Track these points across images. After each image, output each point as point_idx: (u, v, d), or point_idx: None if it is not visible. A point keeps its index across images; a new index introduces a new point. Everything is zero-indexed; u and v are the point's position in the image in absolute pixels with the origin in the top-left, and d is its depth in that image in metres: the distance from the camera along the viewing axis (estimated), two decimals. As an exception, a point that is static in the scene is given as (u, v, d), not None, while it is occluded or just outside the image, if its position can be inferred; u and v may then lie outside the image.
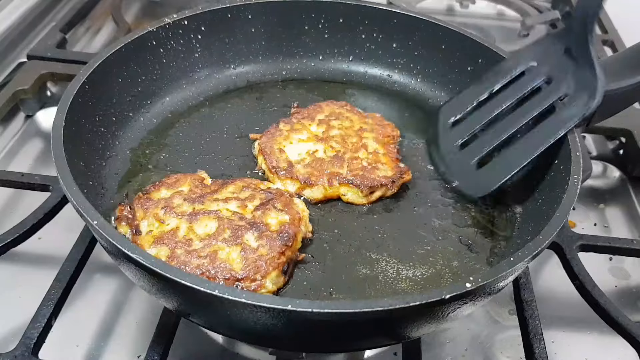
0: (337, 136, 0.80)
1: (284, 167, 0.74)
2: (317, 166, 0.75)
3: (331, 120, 0.82)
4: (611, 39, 1.23)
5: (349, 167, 0.75)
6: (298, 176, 0.73)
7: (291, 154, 0.77)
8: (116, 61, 0.78)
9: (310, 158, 0.76)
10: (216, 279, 0.59)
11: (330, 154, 0.77)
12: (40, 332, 0.62)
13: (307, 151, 0.77)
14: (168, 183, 0.69)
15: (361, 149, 0.78)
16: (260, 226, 0.64)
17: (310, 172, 0.74)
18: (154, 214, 0.64)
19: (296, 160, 0.76)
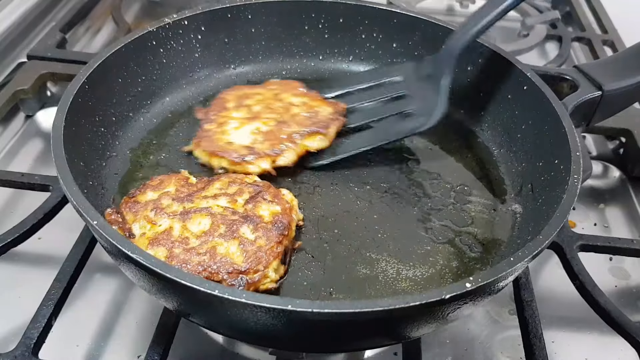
0: (262, 109, 0.82)
1: (246, 152, 0.75)
2: (271, 137, 0.77)
3: (243, 102, 0.84)
4: (611, 39, 1.23)
5: (296, 123, 0.79)
6: (265, 151, 0.75)
7: (241, 141, 0.77)
8: (116, 61, 0.78)
9: (259, 135, 0.77)
10: (219, 274, 0.59)
11: (271, 124, 0.79)
12: (40, 332, 0.62)
13: (251, 131, 0.78)
14: (152, 185, 0.69)
15: (291, 107, 0.82)
16: (254, 218, 0.64)
17: (271, 143, 0.76)
18: (145, 216, 0.64)
19: (251, 142, 0.77)
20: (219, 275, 0.59)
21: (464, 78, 0.88)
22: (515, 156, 0.80)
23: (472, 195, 0.77)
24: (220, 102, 0.84)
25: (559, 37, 1.24)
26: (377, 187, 0.77)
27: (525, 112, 0.79)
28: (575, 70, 0.78)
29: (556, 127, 0.71)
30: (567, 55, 1.17)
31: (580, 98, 0.74)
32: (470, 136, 0.86)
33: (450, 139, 0.85)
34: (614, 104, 0.77)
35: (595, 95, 0.75)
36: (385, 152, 0.82)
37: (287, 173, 0.78)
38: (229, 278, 0.59)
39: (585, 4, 1.39)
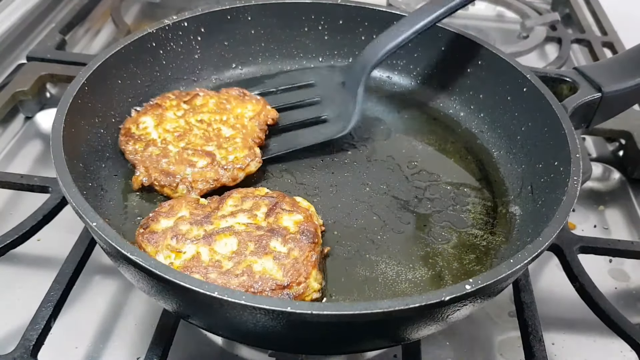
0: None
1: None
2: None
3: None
4: (611, 41, 1.23)
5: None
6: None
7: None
8: (116, 62, 0.78)
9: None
10: (264, 292, 0.58)
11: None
12: (39, 333, 0.61)
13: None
14: (164, 212, 0.66)
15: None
16: (280, 231, 0.63)
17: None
18: (167, 245, 0.62)
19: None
20: (262, 294, 0.57)
21: (464, 80, 0.88)
22: (515, 158, 0.80)
23: (472, 197, 0.77)
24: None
25: (558, 39, 1.24)
26: (377, 189, 0.77)
27: (525, 114, 0.79)
28: (575, 72, 0.78)
29: (556, 128, 0.71)
30: (566, 57, 1.17)
31: (580, 100, 0.74)
32: (470, 138, 0.86)
33: (450, 141, 0.85)
34: (614, 106, 0.77)
35: (595, 97, 0.75)
36: (385, 153, 0.82)
37: (287, 175, 0.78)
38: (273, 295, 0.58)
39: (585, 5, 1.39)
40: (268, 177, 0.78)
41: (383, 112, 0.91)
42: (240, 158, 0.74)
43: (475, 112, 0.88)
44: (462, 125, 0.88)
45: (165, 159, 0.73)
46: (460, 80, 0.89)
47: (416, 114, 0.91)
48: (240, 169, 0.73)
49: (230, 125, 0.79)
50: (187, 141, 0.76)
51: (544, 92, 0.75)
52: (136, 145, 0.75)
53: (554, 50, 1.24)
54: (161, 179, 0.71)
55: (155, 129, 0.77)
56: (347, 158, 0.81)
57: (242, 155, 0.74)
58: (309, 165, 0.80)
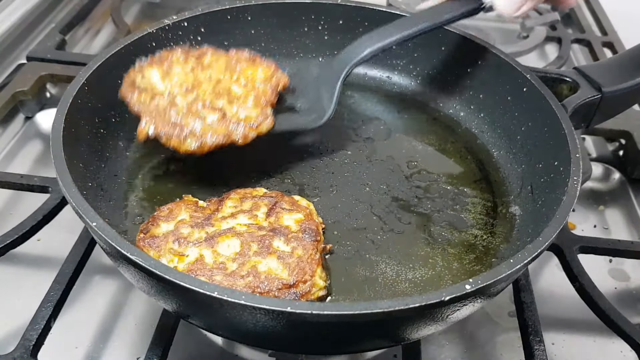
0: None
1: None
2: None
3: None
4: (611, 41, 1.23)
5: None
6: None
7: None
8: (116, 62, 0.77)
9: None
10: (270, 292, 0.58)
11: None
12: (39, 333, 0.61)
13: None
14: (163, 216, 0.66)
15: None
16: (282, 230, 0.64)
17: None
18: (169, 249, 0.62)
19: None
20: (269, 294, 0.58)
21: (464, 80, 0.88)
22: (515, 158, 0.80)
23: (472, 197, 0.77)
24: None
25: (558, 38, 1.24)
26: (377, 189, 0.77)
27: (525, 113, 0.79)
28: (575, 72, 0.78)
29: (556, 128, 0.71)
30: (566, 57, 1.17)
31: (580, 100, 0.74)
32: (470, 138, 0.86)
33: (450, 141, 0.85)
34: (614, 106, 0.77)
35: (595, 97, 0.75)
36: (385, 154, 0.82)
37: (287, 175, 0.78)
38: (279, 295, 0.58)
39: (585, 5, 1.39)
40: (268, 177, 0.77)
41: (383, 112, 0.91)
42: (252, 117, 0.71)
43: (475, 112, 0.87)
44: (462, 125, 0.88)
45: (173, 110, 0.70)
46: (460, 80, 0.89)
47: (416, 114, 0.91)
48: (252, 128, 0.70)
49: (241, 85, 0.76)
50: (196, 95, 0.73)
51: (544, 92, 0.75)
52: (141, 97, 0.72)
53: (554, 50, 1.24)
54: (169, 130, 0.68)
55: (162, 81, 0.74)
56: (347, 158, 0.81)
57: (254, 114, 0.72)
58: (309, 165, 0.80)
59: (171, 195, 0.73)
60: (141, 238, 0.64)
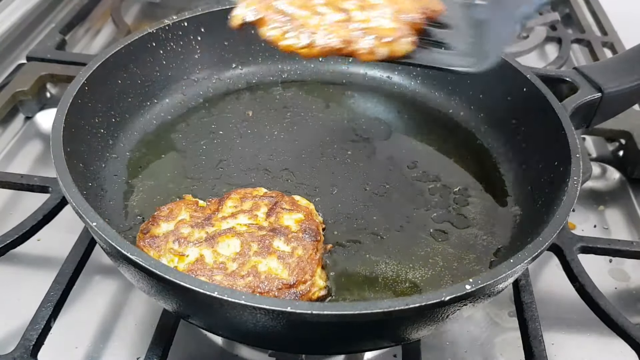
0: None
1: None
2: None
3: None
4: (611, 41, 1.23)
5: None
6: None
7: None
8: (116, 62, 0.78)
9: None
10: (270, 292, 0.58)
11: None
12: (39, 333, 0.61)
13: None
14: (163, 216, 0.66)
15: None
16: (282, 230, 0.64)
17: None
18: (169, 249, 0.62)
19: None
20: (269, 294, 0.58)
21: (464, 80, 0.88)
22: (515, 158, 0.80)
23: (472, 197, 0.76)
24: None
25: (558, 38, 1.23)
26: (377, 189, 0.77)
27: (525, 114, 0.79)
28: (575, 72, 0.78)
29: (556, 129, 0.71)
30: (566, 57, 1.17)
31: (580, 100, 0.74)
32: (470, 138, 0.86)
33: (450, 141, 0.85)
34: (614, 106, 0.77)
35: (595, 97, 0.75)
36: (385, 153, 0.82)
37: (287, 174, 0.78)
38: (280, 295, 0.58)
39: (585, 5, 1.39)
40: (268, 177, 0.77)
41: (383, 112, 0.90)
42: (386, 29, 0.57)
43: (475, 112, 0.87)
44: (462, 125, 0.88)
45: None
46: (460, 80, 0.89)
47: (416, 114, 0.90)
48: (383, 42, 0.56)
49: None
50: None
51: (544, 92, 0.75)
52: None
53: (554, 50, 1.24)
54: (272, 17, 0.57)
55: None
56: (347, 158, 0.81)
57: (390, 26, 0.57)
58: (309, 165, 0.80)
59: (171, 195, 0.73)
60: (141, 238, 0.64)
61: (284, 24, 0.57)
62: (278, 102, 0.91)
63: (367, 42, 0.55)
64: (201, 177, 0.77)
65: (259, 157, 0.81)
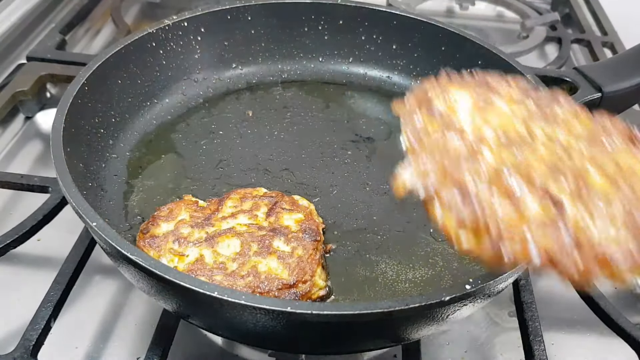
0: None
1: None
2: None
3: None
4: (611, 41, 1.23)
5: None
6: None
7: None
8: (116, 63, 0.78)
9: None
10: (270, 292, 0.58)
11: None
12: (39, 333, 0.61)
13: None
14: (163, 216, 0.66)
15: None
16: (282, 230, 0.64)
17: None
18: (169, 249, 0.62)
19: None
20: (269, 294, 0.58)
21: (464, 80, 0.88)
22: (515, 158, 0.80)
23: (472, 197, 0.76)
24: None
25: (558, 38, 1.23)
26: (377, 189, 0.77)
27: (525, 113, 0.79)
28: (575, 72, 0.78)
29: (556, 128, 0.71)
30: (566, 57, 1.16)
31: (580, 100, 0.74)
32: (470, 138, 0.86)
33: (450, 141, 0.85)
34: (614, 106, 0.77)
35: (595, 96, 0.75)
36: (385, 154, 0.82)
37: (287, 174, 0.78)
38: (280, 295, 0.58)
39: (585, 5, 1.39)
40: (268, 177, 0.77)
41: (383, 112, 0.90)
42: (613, 239, 0.37)
43: (475, 112, 0.87)
44: (462, 125, 0.88)
45: (465, 162, 0.43)
46: (460, 80, 0.89)
47: (416, 114, 0.90)
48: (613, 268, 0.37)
49: (605, 174, 0.43)
50: (520, 159, 0.43)
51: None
52: (427, 124, 0.48)
53: (554, 50, 1.24)
54: (451, 199, 0.41)
55: (471, 115, 0.49)
56: (347, 158, 0.81)
57: (620, 237, 0.38)
58: (309, 165, 0.80)
59: (171, 195, 0.73)
60: (141, 238, 0.64)
61: (469, 214, 0.40)
62: (278, 102, 0.91)
63: (579, 264, 0.37)
64: (201, 177, 0.77)
65: (259, 157, 0.81)
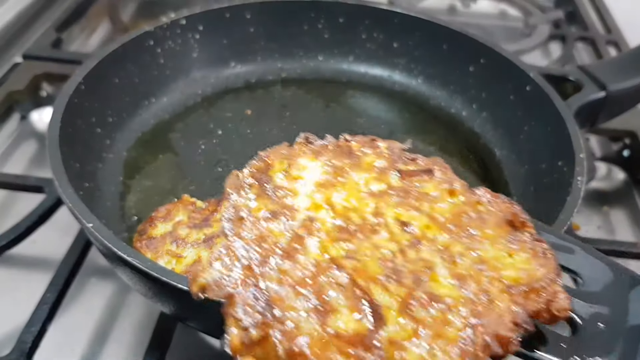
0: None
1: None
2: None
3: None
4: (615, 39, 1.22)
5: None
6: None
7: None
8: (113, 61, 0.77)
9: None
10: None
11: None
12: (35, 336, 0.60)
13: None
14: (160, 217, 0.65)
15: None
16: None
17: None
18: (167, 250, 0.61)
19: None
20: None
21: (466, 78, 0.87)
22: (518, 158, 0.79)
23: (475, 198, 0.75)
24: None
25: (562, 36, 1.23)
26: (378, 189, 0.76)
27: (528, 113, 0.78)
28: (579, 71, 0.78)
29: (560, 128, 0.70)
30: (570, 56, 1.16)
31: (584, 99, 0.74)
32: (472, 137, 0.85)
33: (451, 140, 0.84)
34: (619, 105, 0.76)
35: (599, 95, 0.74)
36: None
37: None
38: None
39: (589, 3, 1.38)
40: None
41: (383, 111, 0.90)
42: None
43: (478, 111, 0.87)
44: (463, 124, 0.87)
45: (278, 257, 0.39)
46: (461, 78, 0.88)
47: (417, 113, 0.90)
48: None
49: (456, 274, 0.40)
50: (347, 253, 0.39)
51: (548, 90, 0.74)
52: (254, 204, 0.44)
53: (558, 49, 1.23)
54: (255, 312, 0.36)
55: (313, 193, 0.44)
56: None
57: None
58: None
59: (169, 196, 0.72)
60: (138, 239, 0.63)
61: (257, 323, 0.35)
62: (277, 101, 0.90)
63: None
64: (199, 177, 0.76)
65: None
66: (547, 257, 0.42)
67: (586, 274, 0.44)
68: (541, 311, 0.39)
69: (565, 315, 0.40)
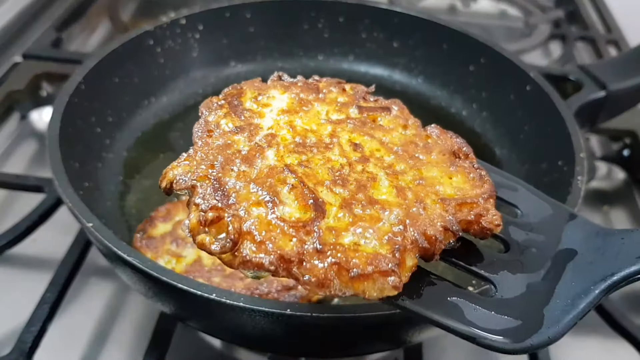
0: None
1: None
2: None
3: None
4: (615, 39, 1.22)
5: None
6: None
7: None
8: (113, 61, 0.77)
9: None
10: (270, 294, 0.58)
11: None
12: (35, 336, 0.61)
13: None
14: (161, 217, 0.66)
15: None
16: None
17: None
18: (166, 250, 0.62)
19: None
20: (268, 296, 0.58)
21: (466, 78, 0.87)
22: (519, 157, 0.79)
23: (475, 197, 0.76)
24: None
25: (562, 36, 1.23)
26: (378, 189, 0.76)
27: (528, 112, 0.78)
28: (579, 70, 0.78)
29: (560, 127, 0.70)
30: (570, 55, 1.16)
31: (585, 98, 0.74)
32: (473, 137, 0.85)
33: (452, 140, 0.84)
34: (619, 104, 0.76)
35: (599, 95, 0.74)
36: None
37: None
38: (279, 297, 0.58)
39: (589, 3, 1.38)
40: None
41: (384, 110, 0.90)
42: (367, 255, 0.37)
43: (478, 111, 0.87)
44: (464, 123, 0.87)
45: (238, 160, 0.41)
46: (462, 78, 0.88)
47: (417, 113, 0.89)
48: (352, 279, 0.36)
49: (396, 185, 0.42)
50: (302, 161, 0.42)
51: (548, 90, 0.74)
52: (223, 120, 0.46)
53: (558, 48, 1.23)
54: (210, 195, 0.39)
55: (277, 116, 0.47)
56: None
57: (376, 251, 0.37)
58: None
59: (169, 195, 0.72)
60: (138, 239, 0.63)
61: (216, 199, 0.38)
62: (277, 101, 0.90)
63: (317, 270, 0.36)
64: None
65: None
66: (484, 181, 0.45)
67: (526, 208, 0.47)
68: (472, 223, 0.42)
69: (495, 230, 0.42)
